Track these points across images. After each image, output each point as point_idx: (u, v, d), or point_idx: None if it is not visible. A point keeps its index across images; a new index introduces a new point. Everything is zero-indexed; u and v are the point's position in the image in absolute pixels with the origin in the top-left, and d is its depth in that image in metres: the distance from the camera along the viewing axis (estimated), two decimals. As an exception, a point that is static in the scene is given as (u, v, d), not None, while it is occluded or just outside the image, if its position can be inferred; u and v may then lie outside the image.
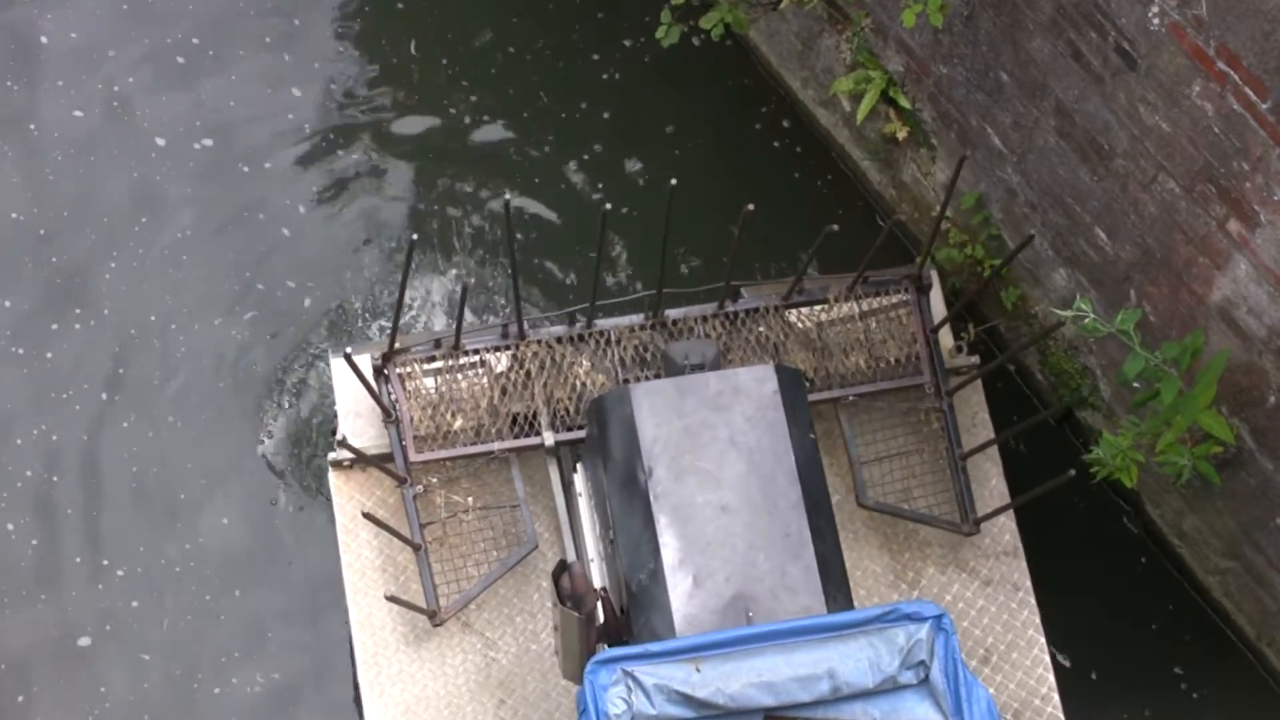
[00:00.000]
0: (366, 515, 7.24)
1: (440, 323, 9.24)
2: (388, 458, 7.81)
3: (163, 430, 9.15)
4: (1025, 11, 7.82)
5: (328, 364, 8.60)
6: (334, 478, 7.96)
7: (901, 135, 9.19)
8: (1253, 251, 7.19)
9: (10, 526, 8.85)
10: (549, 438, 7.78)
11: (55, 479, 8.97)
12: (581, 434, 7.70)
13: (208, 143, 9.87)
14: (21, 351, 9.20)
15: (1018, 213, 8.67)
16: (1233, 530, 8.36)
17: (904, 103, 9.09)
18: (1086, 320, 7.27)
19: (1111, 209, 7.95)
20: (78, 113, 9.80)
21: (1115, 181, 7.83)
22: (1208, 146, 7.14)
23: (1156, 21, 7.06)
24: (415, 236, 7.29)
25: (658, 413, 6.94)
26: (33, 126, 9.74)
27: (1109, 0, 7.26)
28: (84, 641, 8.64)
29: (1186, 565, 8.88)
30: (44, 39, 9.98)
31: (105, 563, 8.81)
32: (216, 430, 9.20)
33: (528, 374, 7.84)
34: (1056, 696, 7.76)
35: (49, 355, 9.21)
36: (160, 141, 9.82)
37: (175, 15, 10.16)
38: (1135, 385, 7.78)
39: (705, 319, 7.99)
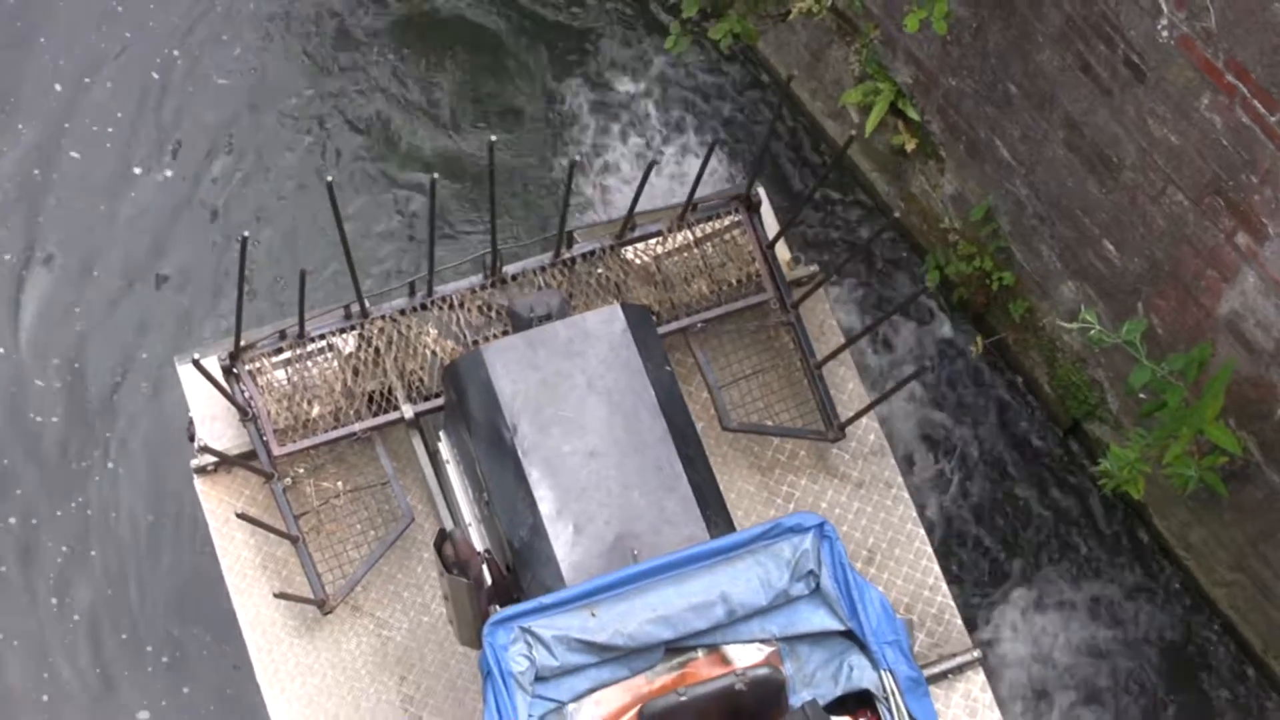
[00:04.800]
0: (241, 515, 7.20)
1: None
2: (251, 455, 7.76)
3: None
4: (1034, 24, 7.81)
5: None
6: (200, 484, 7.88)
7: (910, 147, 9.18)
8: (1261, 264, 7.21)
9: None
10: (407, 410, 7.75)
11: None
12: (440, 402, 7.69)
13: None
14: None
15: (1026, 225, 8.68)
16: (1240, 542, 8.42)
17: (913, 114, 9.09)
18: (1093, 331, 7.34)
19: (1120, 221, 7.96)
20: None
21: (1124, 194, 7.84)
22: (1216, 159, 7.14)
23: (1165, 34, 7.04)
24: (247, 233, 7.22)
25: (512, 369, 6.94)
26: None
27: (1118, 12, 7.24)
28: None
29: (1193, 576, 8.93)
30: None
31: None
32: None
33: (376, 351, 7.80)
34: (944, 585, 7.87)
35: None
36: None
37: None
38: (1142, 396, 7.83)
39: (544, 269, 7.99)
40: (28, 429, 9.31)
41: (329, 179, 6.99)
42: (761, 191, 8.22)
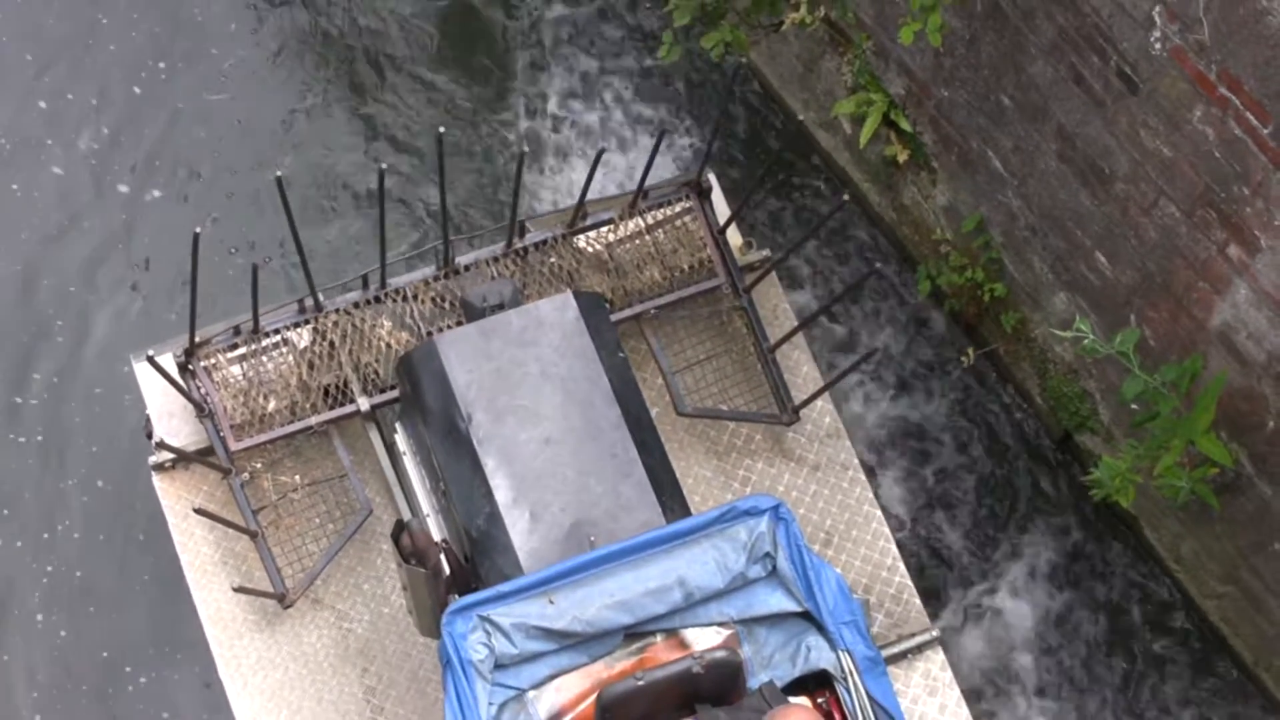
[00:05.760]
0: (198, 511, 7.21)
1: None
2: (209, 451, 7.77)
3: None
4: (1027, 35, 7.80)
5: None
6: (158, 481, 7.89)
7: (902, 158, 9.17)
8: (1253, 276, 7.21)
9: None
10: (363, 403, 7.76)
11: None
12: (395, 394, 7.71)
13: None
14: None
15: (1018, 236, 8.68)
16: (1230, 555, 8.40)
17: (905, 125, 9.07)
18: (1086, 340, 7.33)
19: (1112, 233, 7.96)
20: None
21: (1116, 206, 7.83)
22: (1209, 171, 7.14)
23: (1158, 46, 7.04)
24: (199, 229, 7.21)
25: (466, 359, 6.96)
26: None
27: (1111, 24, 7.24)
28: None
29: (1184, 588, 8.91)
30: None
31: None
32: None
33: (331, 344, 7.81)
34: (901, 565, 7.92)
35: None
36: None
37: None
38: (1134, 407, 7.82)
39: (496, 259, 8.00)
40: (8, 448, 9.30)
41: (278, 174, 7.00)
42: (712, 177, 8.24)
